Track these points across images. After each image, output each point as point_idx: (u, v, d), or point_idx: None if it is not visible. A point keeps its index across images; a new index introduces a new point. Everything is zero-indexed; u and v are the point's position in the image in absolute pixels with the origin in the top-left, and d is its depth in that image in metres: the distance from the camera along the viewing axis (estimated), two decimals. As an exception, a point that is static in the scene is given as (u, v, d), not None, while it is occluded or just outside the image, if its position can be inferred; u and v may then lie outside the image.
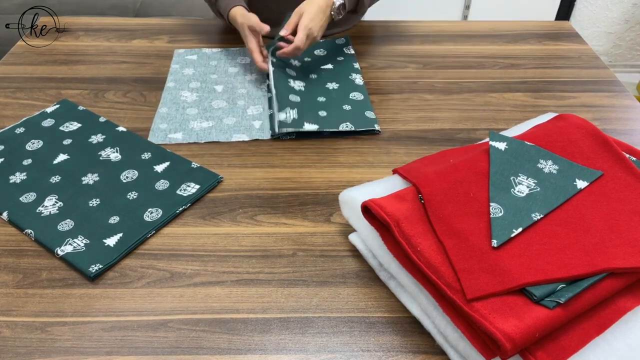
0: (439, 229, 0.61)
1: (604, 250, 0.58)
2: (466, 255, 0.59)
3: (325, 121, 0.96)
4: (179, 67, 1.13)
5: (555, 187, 0.66)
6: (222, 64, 1.15)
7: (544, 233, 0.61)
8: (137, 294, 0.68)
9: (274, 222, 0.79)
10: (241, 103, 1.03)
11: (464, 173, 0.68)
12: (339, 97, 1.04)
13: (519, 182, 0.66)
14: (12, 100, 1.04)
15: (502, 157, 0.69)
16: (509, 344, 0.50)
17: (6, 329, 0.64)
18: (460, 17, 2.40)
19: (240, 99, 1.04)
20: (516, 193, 0.65)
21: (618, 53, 2.53)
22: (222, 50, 1.20)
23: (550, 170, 0.68)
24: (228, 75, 1.11)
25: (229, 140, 0.94)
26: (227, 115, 1.00)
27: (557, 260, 0.58)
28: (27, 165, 0.86)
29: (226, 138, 0.94)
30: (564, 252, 0.58)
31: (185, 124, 0.97)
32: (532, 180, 0.66)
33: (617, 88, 1.09)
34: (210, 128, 0.96)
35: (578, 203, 0.64)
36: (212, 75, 1.11)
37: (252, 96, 1.05)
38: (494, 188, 0.65)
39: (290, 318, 0.66)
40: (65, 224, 0.76)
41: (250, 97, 1.05)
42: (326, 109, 1.00)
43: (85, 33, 1.26)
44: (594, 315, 0.56)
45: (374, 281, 0.70)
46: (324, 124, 0.96)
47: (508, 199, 0.64)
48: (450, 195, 0.65)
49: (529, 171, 0.68)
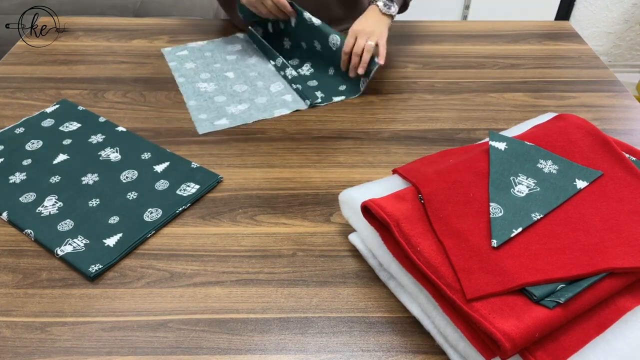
0: (438, 228, 0.61)
1: (604, 250, 0.58)
2: (466, 255, 0.59)
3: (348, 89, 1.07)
4: (177, 64, 1.14)
5: (555, 187, 0.66)
6: (216, 54, 1.18)
7: (544, 233, 0.61)
8: (137, 294, 0.68)
9: (274, 222, 0.79)
10: (260, 84, 1.07)
11: (464, 173, 0.68)
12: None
13: (518, 182, 0.66)
14: (12, 100, 1.04)
15: (502, 157, 0.69)
16: (509, 343, 0.50)
17: (6, 329, 0.64)
18: (460, 17, 2.39)
19: (257, 80, 1.08)
20: (516, 193, 0.65)
21: (618, 53, 2.53)
22: (207, 42, 1.22)
23: (550, 170, 0.68)
24: (230, 63, 1.14)
25: (272, 116, 0.99)
26: (256, 96, 1.04)
27: (557, 260, 0.58)
28: (26, 166, 0.86)
29: (269, 114, 1.00)
30: (563, 252, 0.58)
31: (222, 110, 1.00)
32: (532, 180, 0.66)
33: (616, 88, 1.09)
34: (248, 109, 1.01)
35: (578, 203, 0.64)
36: (215, 64, 1.14)
37: (266, 76, 1.10)
38: (493, 188, 0.65)
39: (290, 318, 0.66)
40: (65, 224, 0.76)
41: (265, 78, 1.10)
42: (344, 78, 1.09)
43: (85, 33, 1.26)
44: (593, 315, 0.56)
45: (374, 281, 0.70)
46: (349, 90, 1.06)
47: (508, 199, 0.64)
48: (450, 195, 0.65)
49: (528, 171, 0.68)
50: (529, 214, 0.62)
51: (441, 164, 0.71)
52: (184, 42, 1.22)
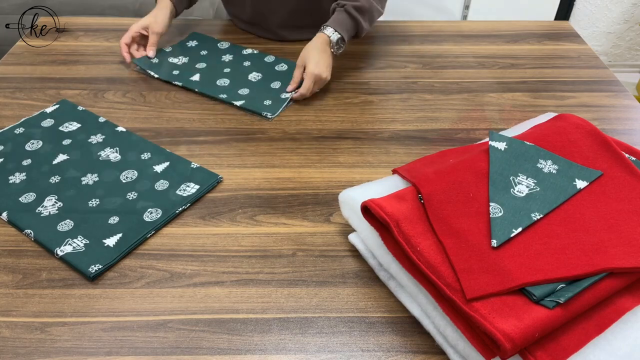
0: (438, 228, 0.61)
1: (604, 250, 0.58)
2: (465, 255, 0.59)
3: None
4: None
5: (555, 187, 0.66)
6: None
7: (544, 233, 0.61)
8: (136, 294, 0.68)
9: (274, 222, 0.78)
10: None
11: (464, 173, 0.68)
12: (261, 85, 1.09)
13: (518, 182, 0.66)
14: (12, 100, 1.03)
15: (501, 156, 0.69)
16: (509, 344, 0.50)
17: (6, 330, 0.64)
18: (460, 17, 2.39)
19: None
20: (516, 193, 0.65)
21: (617, 53, 2.53)
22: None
23: (550, 170, 0.68)
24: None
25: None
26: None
27: (556, 260, 0.58)
28: (26, 166, 0.86)
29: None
30: (563, 252, 0.58)
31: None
32: (532, 180, 0.66)
33: (616, 88, 1.10)
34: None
35: (577, 203, 0.64)
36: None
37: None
38: (493, 188, 0.65)
39: (290, 318, 0.66)
40: (65, 224, 0.76)
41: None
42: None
43: (84, 33, 1.26)
44: (593, 315, 0.56)
45: (374, 281, 0.70)
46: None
47: (508, 198, 0.64)
48: (450, 195, 0.65)
49: (528, 171, 0.68)
50: (528, 214, 0.62)
51: (441, 163, 0.71)
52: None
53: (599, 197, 0.65)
